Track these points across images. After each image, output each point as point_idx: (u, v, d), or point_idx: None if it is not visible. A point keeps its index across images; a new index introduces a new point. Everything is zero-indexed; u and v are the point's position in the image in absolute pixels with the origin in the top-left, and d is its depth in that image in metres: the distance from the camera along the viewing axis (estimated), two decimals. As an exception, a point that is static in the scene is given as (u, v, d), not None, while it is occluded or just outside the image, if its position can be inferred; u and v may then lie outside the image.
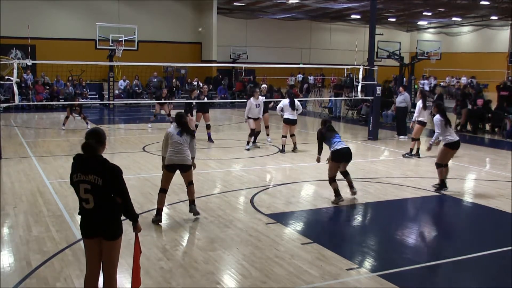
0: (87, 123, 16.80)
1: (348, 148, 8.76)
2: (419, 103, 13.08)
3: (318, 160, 9.15)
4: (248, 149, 13.41)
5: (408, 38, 44.00)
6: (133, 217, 4.51)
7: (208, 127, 14.77)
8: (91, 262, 4.49)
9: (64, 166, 10.93)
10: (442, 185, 9.50)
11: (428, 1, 30.35)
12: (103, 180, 4.24)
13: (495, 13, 35.10)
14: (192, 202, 7.72)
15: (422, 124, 12.98)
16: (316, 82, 35.82)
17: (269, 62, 30.94)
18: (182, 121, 7.58)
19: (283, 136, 13.39)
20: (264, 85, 16.75)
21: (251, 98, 13.56)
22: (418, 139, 13.03)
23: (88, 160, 4.33)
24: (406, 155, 12.96)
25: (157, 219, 7.51)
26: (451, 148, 9.38)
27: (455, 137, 9.45)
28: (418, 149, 13.00)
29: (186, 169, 7.54)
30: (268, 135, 14.91)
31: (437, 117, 9.50)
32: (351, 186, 8.98)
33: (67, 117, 16.98)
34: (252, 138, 13.74)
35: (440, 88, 22.77)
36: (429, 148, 9.80)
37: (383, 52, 24.42)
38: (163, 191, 7.59)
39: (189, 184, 7.66)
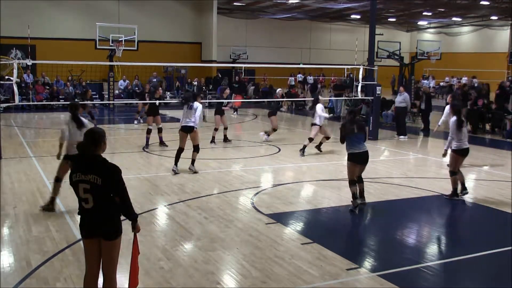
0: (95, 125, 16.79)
1: (363, 151, 8.31)
2: (448, 108, 11.98)
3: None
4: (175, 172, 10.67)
5: (408, 38, 44.00)
6: (132, 217, 4.51)
7: (159, 130, 13.83)
8: (91, 262, 4.48)
9: (64, 166, 10.93)
10: (453, 193, 9.06)
11: (428, 1, 30.36)
12: (102, 179, 4.24)
13: (495, 13, 35.10)
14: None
15: None
16: (318, 82, 35.81)
17: (269, 62, 30.93)
18: (73, 113, 7.90)
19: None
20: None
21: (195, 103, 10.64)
22: None
23: (87, 160, 4.33)
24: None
25: (48, 207, 7.81)
26: (459, 154, 8.91)
27: (466, 144, 8.93)
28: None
29: None
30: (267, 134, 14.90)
31: (453, 119, 9.02)
32: (360, 194, 8.53)
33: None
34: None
35: (425, 87, 22.60)
36: (444, 155, 9.33)
37: (383, 52, 24.42)
38: (59, 180, 7.91)
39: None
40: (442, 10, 34.51)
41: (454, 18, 38.77)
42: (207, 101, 19.18)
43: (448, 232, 7.64)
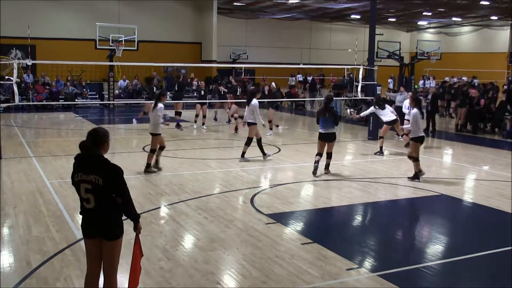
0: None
1: (327, 132, 10.52)
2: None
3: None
4: None
5: (408, 38, 43.98)
6: (134, 217, 4.49)
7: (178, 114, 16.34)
8: (92, 262, 4.48)
9: (64, 166, 10.94)
10: (415, 176, 10.26)
11: (428, 1, 30.35)
12: (103, 180, 4.24)
13: (495, 13, 35.09)
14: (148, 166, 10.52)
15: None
16: (317, 82, 35.82)
17: (269, 62, 30.92)
18: (157, 96, 10.79)
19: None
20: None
21: None
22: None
23: (89, 160, 4.33)
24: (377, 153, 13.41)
25: (152, 169, 10.62)
26: (419, 141, 10.20)
27: (422, 133, 10.23)
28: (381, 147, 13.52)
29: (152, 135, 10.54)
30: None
31: (415, 110, 10.18)
32: (326, 167, 10.76)
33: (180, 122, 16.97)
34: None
35: (431, 88, 22.81)
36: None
37: (383, 52, 24.40)
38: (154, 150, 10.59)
39: (155, 150, 10.54)
40: (442, 10, 34.49)
41: (454, 18, 38.76)
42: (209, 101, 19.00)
43: (448, 232, 7.63)
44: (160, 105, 10.50)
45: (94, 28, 23.94)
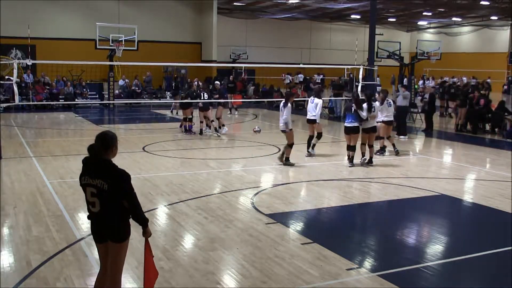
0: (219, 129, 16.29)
1: (350, 126, 11.47)
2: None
3: None
4: None
5: (408, 38, 44.01)
6: (142, 222, 4.45)
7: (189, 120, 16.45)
8: (103, 264, 4.53)
9: (64, 166, 10.94)
10: (370, 160, 11.73)
11: (428, 1, 30.36)
12: (109, 185, 4.21)
13: (495, 13, 35.12)
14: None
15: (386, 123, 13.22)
16: (311, 82, 35.73)
17: (269, 62, 30.92)
18: (287, 95, 12.01)
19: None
20: None
21: None
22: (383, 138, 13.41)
23: (96, 164, 4.31)
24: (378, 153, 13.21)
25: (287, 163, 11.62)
26: (364, 132, 11.56)
27: (371, 124, 11.58)
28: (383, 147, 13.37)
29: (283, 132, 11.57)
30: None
31: (365, 105, 11.49)
32: (362, 154, 11.76)
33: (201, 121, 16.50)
34: None
35: (428, 87, 22.78)
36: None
37: (383, 52, 24.39)
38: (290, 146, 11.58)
39: (291, 144, 11.55)
40: (442, 10, 34.52)
41: (454, 18, 38.79)
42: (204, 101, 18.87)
43: (448, 232, 7.63)
44: (289, 104, 11.44)
45: (94, 28, 23.95)
